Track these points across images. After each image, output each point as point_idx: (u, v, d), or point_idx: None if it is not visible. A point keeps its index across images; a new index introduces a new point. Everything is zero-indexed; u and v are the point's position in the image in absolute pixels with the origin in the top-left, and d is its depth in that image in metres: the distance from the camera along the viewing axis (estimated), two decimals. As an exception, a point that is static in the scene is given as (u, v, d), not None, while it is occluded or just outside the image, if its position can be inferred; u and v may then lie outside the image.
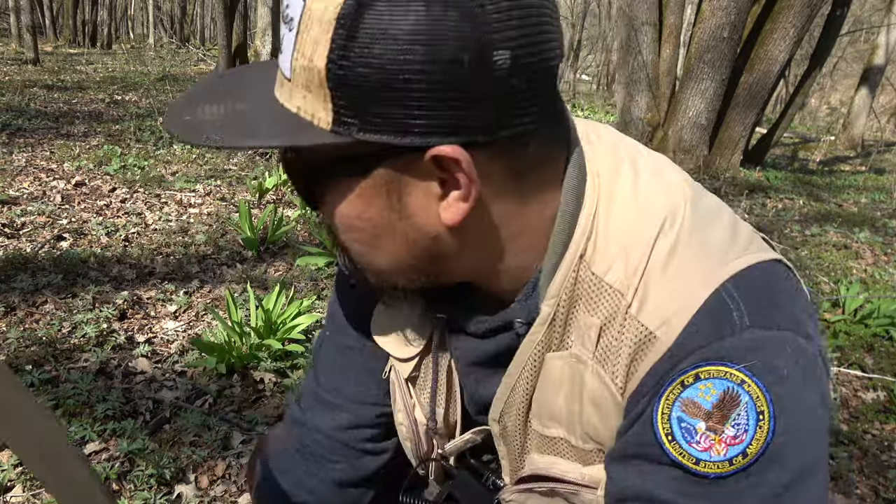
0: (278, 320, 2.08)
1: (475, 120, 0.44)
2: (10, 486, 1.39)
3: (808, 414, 0.49)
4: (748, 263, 0.50)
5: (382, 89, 0.43)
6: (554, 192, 0.53)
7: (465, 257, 0.54)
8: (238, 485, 1.49)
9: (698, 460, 0.48)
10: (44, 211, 3.16)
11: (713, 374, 0.47)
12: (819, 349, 0.50)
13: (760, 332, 0.48)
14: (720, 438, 0.47)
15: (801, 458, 0.48)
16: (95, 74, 9.56)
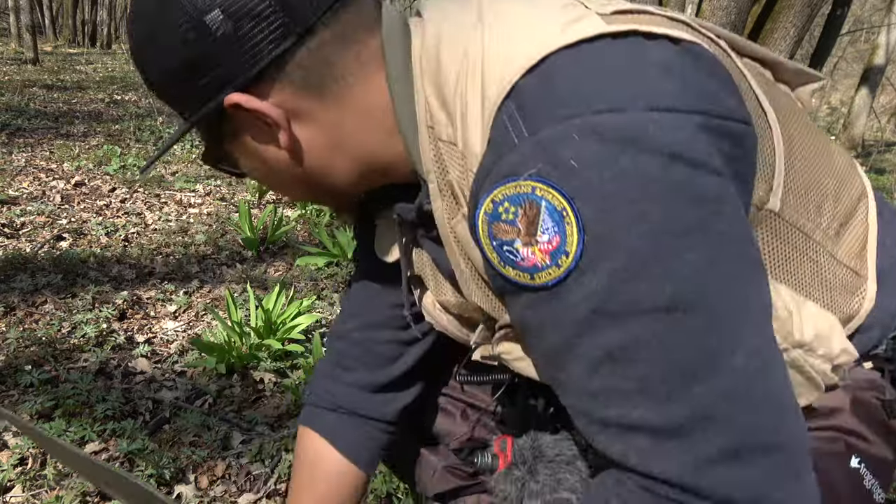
0: (278, 320, 2.08)
1: (231, 69, 0.55)
2: (10, 486, 1.38)
3: (626, 189, 0.45)
4: (526, 67, 0.49)
5: (170, 81, 0.58)
6: (371, 79, 0.58)
7: (336, 168, 0.62)
8: (238, 485, 1.49)
9: (532, 275, 0.48)
10: (43, 211, 3.16)
11: (505, 194, 0.48)
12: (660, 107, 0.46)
13: (536, 137, 0.47)
14: (539, 248, 0.47)
15: (637, 236, 0.45)
16: (95, 74, 9.56)
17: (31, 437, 1.16)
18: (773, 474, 0.46)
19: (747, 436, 0.46)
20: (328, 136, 0.59)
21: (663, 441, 0.46)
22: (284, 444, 1.60)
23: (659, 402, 0.46)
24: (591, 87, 0.47)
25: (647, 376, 0.46)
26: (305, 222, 3.51)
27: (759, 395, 0.47)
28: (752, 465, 0.45)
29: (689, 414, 0.45)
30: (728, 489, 0.45)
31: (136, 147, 4.83)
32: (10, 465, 1.42)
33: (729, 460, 0.45)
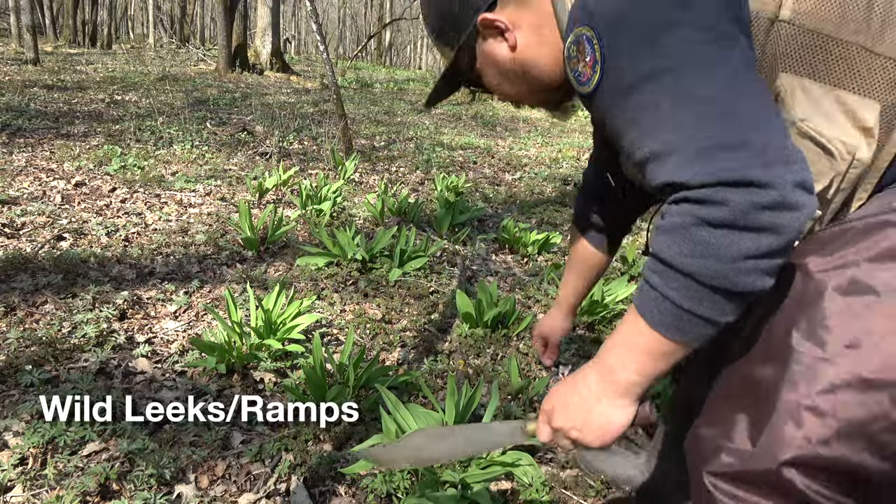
0: (278, 320, 2.08)
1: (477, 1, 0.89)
2: (10, 486, 1.38)
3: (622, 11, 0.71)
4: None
5: (447, 24, 0.94)
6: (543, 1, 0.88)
7: (543, 59, 0.91)
8: (238, 484, 1.49)
9: (588, 84, 0.76)
10: (44, 211, 3.16)
11: (570, 40, 0.78)
12: None
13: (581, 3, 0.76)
14: (588, 65, 0.75)
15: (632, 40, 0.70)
16: (95, 74, 9.56)
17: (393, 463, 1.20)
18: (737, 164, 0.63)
19: (718, 138, 0.64)
20: (534, 32, 0.89)
21: (662, 161, 0.68)
22: (284, 445, 1.60)
23: (647, 137, 0.69)
24: None
25: (648, 124, 0.69)
26: (305, 222, 3.51)
27: (726, 108, 0.65)
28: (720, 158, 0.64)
29: (672, 136, 0.67)
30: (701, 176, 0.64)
31: (136, 147, 4.83)
32: (11, 465, 1.42)
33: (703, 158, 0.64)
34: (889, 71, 0.74)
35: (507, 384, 2.02)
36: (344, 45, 41.51)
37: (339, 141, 5.48)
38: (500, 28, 0.89)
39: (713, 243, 0.63)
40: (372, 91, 13.02)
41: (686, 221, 0.64)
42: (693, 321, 0.68)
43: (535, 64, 0.91)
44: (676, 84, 0.67)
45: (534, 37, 0.89)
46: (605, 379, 0.78)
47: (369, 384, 1.84)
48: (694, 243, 0.64)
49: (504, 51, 0.91)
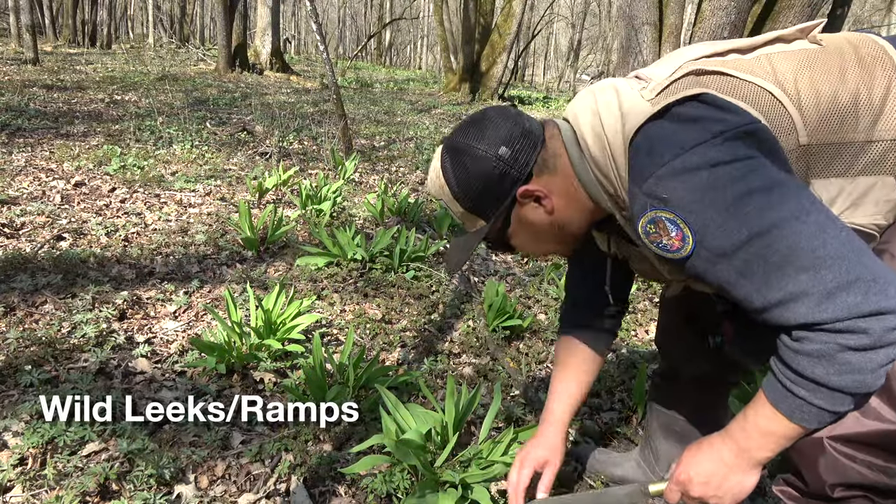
0: (278, 320, 2.08)
1: (517, 173, 1.00)
2: (10, 486, 1.38)
3: (696, 195, 0.83)
4: (627, 150, 0.92)
5: (484, 199, 1.03)
6: (566, 165, 1.02)
7: (573, 217, 1.05)
8: (238, 485, 1.49)
9: (678, 253, 0.87)
10: (43, 211, 3.16)
11: (643, 221, 0.89)
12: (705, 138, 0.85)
13: (643, 190, 0.88)
14: (674, 239, 0.86)
15: (715, 216, 0.82)
16: (95, 74, 9.56)
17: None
18: (860, 298, 0.76)
19: (834, 281, 0.77)
20: (565, 196, 1.02)
21: (789, 307, 0.80)
22: (284, 445, 1.60)
23: (765, 288, 0.81)
24: (655, 153, 0.87)
25: (762, 278, 0.81)
26: (305, 222, 3.51)
27: (831, 253, 0.78)
28: (844, 297, 0.76)
29: (793, 286, 0.79)
30: (837, 314, 0.77)
31: (136, 147, 4.83)
32: (10, 465, 1.42)
33: (830, 300, 0.77)
34: (891, 150, 0.92)
35: (508, 385, 2.02)
36: (344, 45, 41.49)
37: (339, 141, 5.48)
38: (538, 196, 1.01)
39: (857, 363, 0.78)
40: (372, 91, 13.02)
41: (831, 349, 0.78)
42: (832, 417, 0.84)
43: (570, 222, 1.05)
44: (776, 241, 0.79)
45: (565, 199, 1.02)
46: (741, 456, 0.93)
47: (369, 384, 1.83)
48: (840, 364, 0.78)
49: (541, 215, 1.03)
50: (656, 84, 0.95)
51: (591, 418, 1.93)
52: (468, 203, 1.03)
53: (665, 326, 1.50)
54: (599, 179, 0.98)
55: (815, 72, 0.94)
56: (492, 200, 1.02)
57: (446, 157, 1.04)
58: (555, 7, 27.72)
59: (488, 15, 14.06)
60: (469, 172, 1.01)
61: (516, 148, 0.99)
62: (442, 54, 14.56)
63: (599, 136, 0.95)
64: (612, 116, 0.94)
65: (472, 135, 1.01)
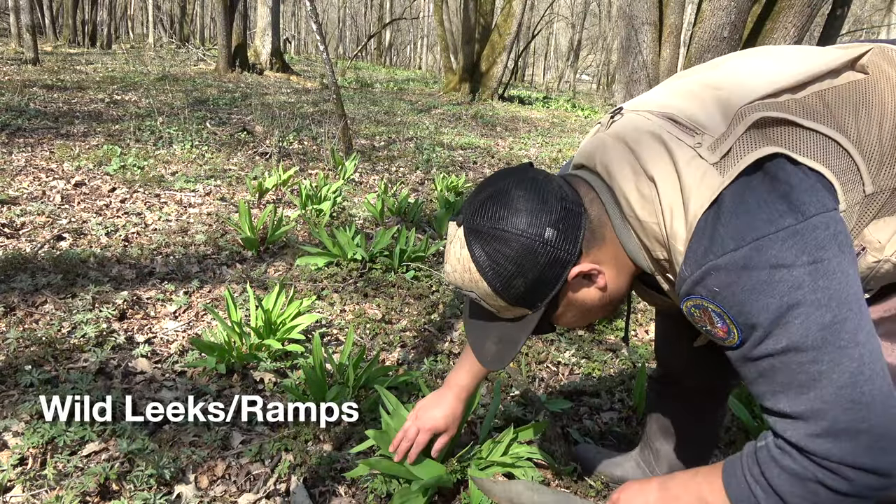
0: (278, 320, 2.08)
1: (567, 255, 0.88)
2: (10, 486, 1.38)
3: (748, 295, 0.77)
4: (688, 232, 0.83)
5: (534, 290, 0.90)
6: (611, 231, 0.93)
7: (621, 285, 0.97)
8: (238, 485, 1.49)
9: (724, 341, 0.83)
10: (43, 211, 3.16)
11: (689, 304, 0.84)
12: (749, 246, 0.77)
13: (692, 278, 0.82)
14: (720, 329, 0.82)
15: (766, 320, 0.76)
16: (95, 74, 9.56)
17: None
18: (861, 449, 0.73)
19: (845, 423, 0.74)
20: (614, 266, 0.94)
21: (790, 422, 0.78)
22: (284, 445, 1.60)
23: (780, 397, 0.79)
24: (717, 241, 0.79)
25: (781, 386, 0.78)
26: (305, 222, 3.51)
27: (856, 397, 0.74)
28: (846, 441, 0.74)
29: (806, 409, 0.76)
30: (831, 453, 0.75)
31: (136, 147, 4.83)
32: (10, 465, 1.42)
33: (832, 438, 0.74)
34: None
35: (508, 385, 2.02)
36: (344, 45, 41.48)
37: (339, 141, 5.48)
38: (592, 274, 0.92)
39: (825, 499, 0.76)
40: (372, 91, 13.02)
41: (807, 475, 0.77)
42: None
43: (619, 289, 0.97)
44: (810, 363, 0.75)
45: (614, 269, 0.95)
46: (662, 500, 0.94)
47: (369, 384, 1.84)
48: (808, 492, 0.77)
49: (594, 292, 0.95)
50: (715, 141, 0.83)
51: (591, 418, 1.93)
52: (512, 298, 0.90)
53: (663, 336, 1.49)
54: (645, 244, 0.90)
55: (871, 109, 0.87)
56: (541, 291, 0.90)
57: (474, 245, 0.88)
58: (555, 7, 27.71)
59: (488, 15, 14.06)
60: (510, 263, 0.86)
61: (562, 226, 0.86)
62: (442, 54, 14.56)
63: (651, 201, 0.85)
64: (670, 185, 0.84)
65: (501, 215, 0.86)
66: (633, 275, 0.97)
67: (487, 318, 0.99)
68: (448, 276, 0.95)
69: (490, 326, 0.99)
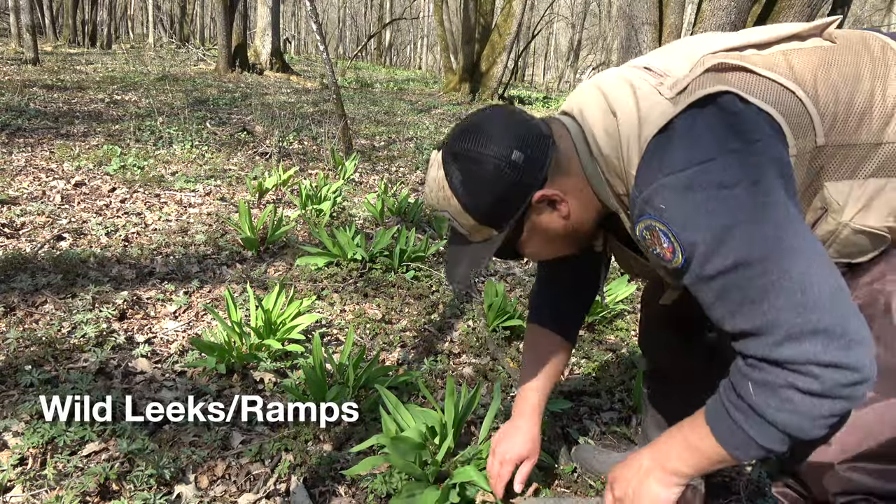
0: (278, 320, 2.08)
1: (532, 178, 0.95)
2: (10, 486, 1.38)
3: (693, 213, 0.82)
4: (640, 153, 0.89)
5: (499, 208, 0.97)
6: (577, 166, 0.99)
7: (584, 219, 1.03)
8: (238, 485, 1.49)
9: (670, 262, 0.87)
10: (43, 211, 3.16)
11: (640, 227, 0.89)
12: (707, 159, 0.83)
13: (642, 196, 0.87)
14: (666, 250, 0.86)
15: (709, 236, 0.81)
16: (95, 74, 9.56)
17: None
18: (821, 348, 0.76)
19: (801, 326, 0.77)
20: (578, 198, 1.00)
21: (753, 339, 0.81)
22: (284, 445, 1.60)
23: (738, 316, 0.81)
24: (665, 160, 0.85)
25: (736, 305, 0.81)
26: (305, 222, 3.51)
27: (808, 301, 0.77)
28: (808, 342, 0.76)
29: (762, 322, 0.79)
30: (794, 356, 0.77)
31: (136, 147, 4.83)
32: (10, 465, 1.42)
33: (793, 342, 0.77)
34: None
35: (508, 385, 2.02)
36: (344, 45, 41.47)
37: (339, 141, 5.48)
38: (555, 200, 0.98)
39: (799, 404, 0.78)
40: (372, 91, 13.02)
41: (778, 382, 0.79)
42: (759, 450, 0.84)
43: (582, 223, 1.03)
44: (758, 276, 0.78)
45: (578, 200, 1.00)
46: (656, 462, 0.96)
47: (369, 384, 1.84)
48: (782, 400, 0.79)
49: (557, 220, 1.00)
50: (675, 81, 0.90)
51: (591, 418, 1.93)
52: (479, 215, 0.97)
53: (647, 329, 1.50)
54: (608, 179, 0.96)
55: (831, 71, 0.92)
56: (506, 210, 0.96)
57: (450, 165, 0.96)
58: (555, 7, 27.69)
59: (488, 15, 14.06)
60: (479, 182, 0.94)
61: (529, 152, 0.94)
62: (442, 54, 14.56)
63: (613, 136, 0.92)
64: (629, 116, 0.90)
65: (477, 139, 0.95)
66: (599, 213, 1.03)
67: (461, 243, 1.05)
68: (426, 197, 1.03)
69: (463, 250, 1.04)
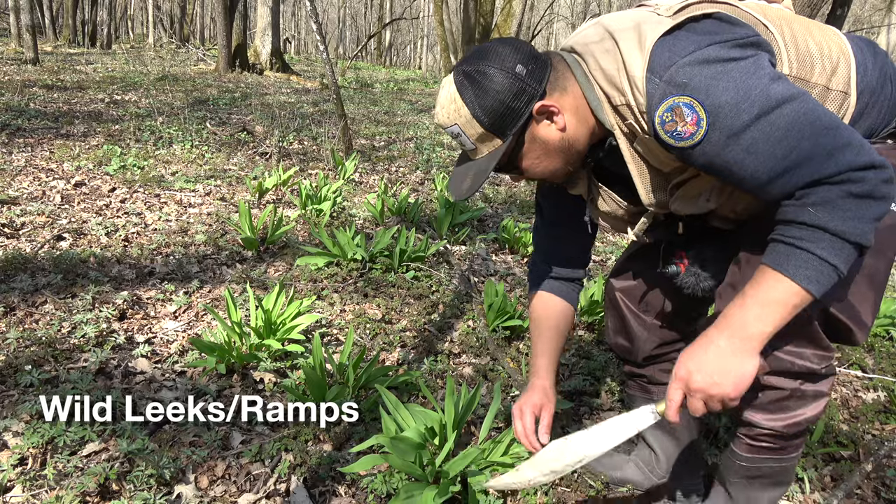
0: (278, 320, 2.08)
1: (533, 90, 1.06)
2: (10, 486, 1.38)
3: (712, 81, 0.95)
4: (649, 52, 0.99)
5: (505, 116, 1.06)
6: (575, 86, 1.10)
7: (580, 134, 1.12)
8: (238, 485, 1.49)
9: (692, 138, 0.97)
10: (43, 211, 3.16)
11: (662, 109, 0.98)
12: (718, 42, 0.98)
13: (663, 79, 0.98)
14: (689, 124, 0.96)
15: (728, 99, 0.94)
16: (95, 74, 9.56)
17: None
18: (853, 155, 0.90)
19: (831, 144, 0.91)
20: (574, 114, 1.10)
21: (791, 175, 0.93)
22: (284, 445, 1.60)
23: (772, 160, 0.93)
24: (678, 49, 0.98)
25: (768, 157, 0.93)
26: (305, 222, 3.51)
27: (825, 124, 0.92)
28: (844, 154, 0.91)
29: (796, 158, 0.92)
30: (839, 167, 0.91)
31: (135, 147, 4.83)
32: (10, 465, 1.42)
33: (830, 159, 0.90)
34: (843, 99, 1.10)
35: (508, 385, 2.02)
36: (344, 45, 41.46)
37: (339, 141, 5.48)
38: (553, 112, 1.08)
39: (857, 209, 0.90)
40: (372, 91, 13.02)
41: (834, 195, 0.90)
42: (831, 273, 0.93)
43: (577, 139, 1.12)
44: (779, 118, 0.92)
45: (574, 115, 1.10)
46: (735, 335, 0.98)
47: (369, 384, 1.84)
48: (842, 210, 0.90)
49: (554, 132, 1.10)
50: (671, 5, 1.04)
51: (591, 418, 1.93)
52: (488, 121, 1.06)
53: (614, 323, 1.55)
54: (606, 92, 1.05)
55: (792, 24, 1.11)
56: (511, 117, 1.06)
57: (462, 80, 1.07)
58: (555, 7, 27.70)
59: (488, 15, 14.06)
60: (488, 91, 1.05)
61: (531, 67, 1.06)
62: (442, 54, 14.56)
63: (612, 52, 1.03)
64: (628, 33, 1.02)
65: (485, 59, 1.06)
66: (592, 131, 1.12)
67: (467, 161, 1.15)
68: (437, 117, 1.13)
69: (469, 166, 1.14)
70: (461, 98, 1.07)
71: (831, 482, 1.75)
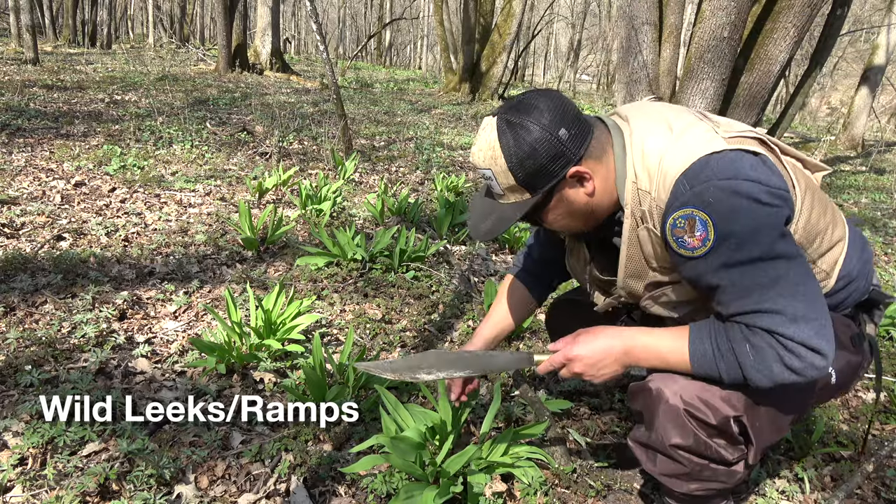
0: (278, 320, 2.08)
1: (572, 154, 1.12)
2: (10, 486, 1.38)
3: (734, 211, 1.02)
4: (693, 159, 1.08)
5: (539, 174, 1.12)
6: (610, 156, 1.17)
7: (603, 202, 1.19)
8: (238, 485, 1.49)
9: (693, 252, 1.06)
10: (43, 211, 3.16)
11: (678, 216, 1.07)
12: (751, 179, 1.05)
13: (693, 190, 1.05)
14: (696, 238, 1.05)
15: (740, 232, 1.02)
16: (95, 74, 9.55)
17: None
18: (814, 333, 1.01)
19: (803, 311, 1.02)
20: (603, 182, 1.17)
21: (760, 314, 1.03)
22: (284, 445, 1.60)
23: (746, 299, 1.04)
24: (719, 170, 1.06)
25: (747, 290, 1.04)
26: (305, 222, 3.51)
27: (807, 293, 1.03)
28: (804, 325, 1.01)
29: (771, 304, 1.02)
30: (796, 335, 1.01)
31: (135, 147, 4.83)
32: (10, 465, 1.42)
33: (795, 323, 1.01)
34: (823, 279, 1.25)
35: (508, 385, 2.02)
36: (344, 45, 41.45)
37: (339, 141, 5.48)
38: (585, 178, 1.14)
39: (776, 372, 1.03)
40: (372, 91, 13.01)
41: (773, 353, 1.03)
42: (715, 379, 1.12)
43: (600, 206, 1.19)
44: (772, 269, 1.02)
45: (603, 185, 1.17)
46: (627, 355, 1.18)
47: (369, 384, 1.83)
48: (764, 365, 1.04)
49: (581, 196, 1.17)
50: (729, 129, 1.13)
51: (591, 418, 1.92)
52: (522, 176, 1.11)
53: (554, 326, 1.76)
54: (637, 173, 1.13)
55: (814, 196, 1.21)
56: (545, 177, 1.12)
57: (504, 129, 1.11)
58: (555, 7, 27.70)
59: (488, 15, 14.05)
60: (528, 148, 1.09)
61: (574, 132, 1.11)
62: (442, 54, 14.56)
63: (667, 142, 1.11)
64: (687, 136, 1.11)
65: (531, 113, 1.10)
66: (612, 202, 1.19)
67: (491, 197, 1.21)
68: (473, 156, 1.18)
69: (493, 206, 1.19)
70: (500, 147, 1.11)
71: (831, 482, 1.75)
